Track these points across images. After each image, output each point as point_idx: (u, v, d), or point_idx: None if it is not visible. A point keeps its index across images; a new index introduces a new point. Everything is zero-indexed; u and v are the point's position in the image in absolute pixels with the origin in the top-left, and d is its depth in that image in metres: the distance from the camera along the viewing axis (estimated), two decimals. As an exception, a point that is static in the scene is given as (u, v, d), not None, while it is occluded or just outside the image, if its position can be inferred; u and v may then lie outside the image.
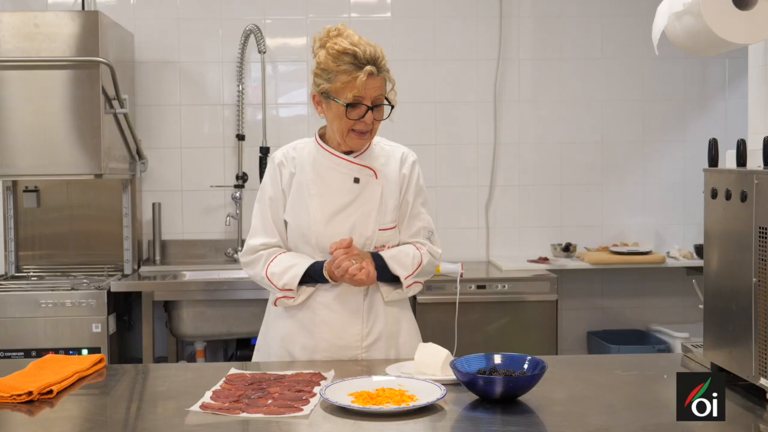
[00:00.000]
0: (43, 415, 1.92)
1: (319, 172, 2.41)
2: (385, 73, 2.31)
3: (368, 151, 2.44)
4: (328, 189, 2.39)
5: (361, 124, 2.32)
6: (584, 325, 4.81)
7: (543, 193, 4.79)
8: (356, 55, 2.25)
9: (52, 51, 3.87)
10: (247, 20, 4.53)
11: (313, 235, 2.37)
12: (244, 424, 1.82)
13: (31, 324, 3.83)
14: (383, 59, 2.30)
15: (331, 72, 2.29)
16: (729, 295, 2.03)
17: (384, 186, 2.42)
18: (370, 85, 2.27)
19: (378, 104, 2.31)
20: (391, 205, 2.42)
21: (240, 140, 4.60)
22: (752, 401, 1.93)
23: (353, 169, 2.40)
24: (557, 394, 2.03)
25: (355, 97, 2.27)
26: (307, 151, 2.45)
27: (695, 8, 2.09)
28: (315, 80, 2.37)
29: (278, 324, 2.46)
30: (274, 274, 2.38)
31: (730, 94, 4.80)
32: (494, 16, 4.70)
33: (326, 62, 2.29)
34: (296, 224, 2.41)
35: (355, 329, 2.39)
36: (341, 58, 2.27)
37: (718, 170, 2.10)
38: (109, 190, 4.48)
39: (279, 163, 2.45)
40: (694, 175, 4.72)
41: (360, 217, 2.38)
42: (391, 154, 2.48)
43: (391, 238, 2.44)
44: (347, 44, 2.27)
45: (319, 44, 2.35)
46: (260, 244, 2.43)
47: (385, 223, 2.41)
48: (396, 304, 2.47)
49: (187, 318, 4.06)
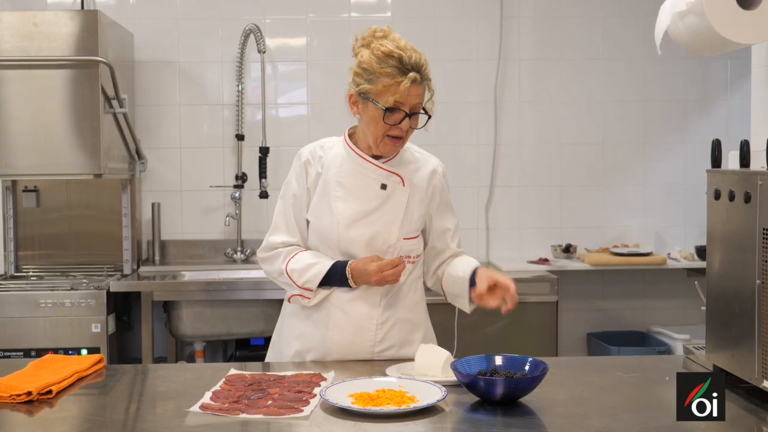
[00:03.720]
0: (43, 416, 1.91)
1: (346, 175, 2.37)
2: (428, 82, 2.27)
3: (398, 157, 2.40)
4: (354, 193, 2.35)
5: (396, 130, 2.28)
6: (584, 326, 4.80)
7: (543, 193, 4.78)
8: (402, 60, 2.21)
9: (52, 50, 3.86)
10: (246, 20, 4.52)
11: (335, 238, 2.34)
12: (244, 425, 1.81)
13: (30, 324, 3.82)
14: (427, 67, 2.26)
15: (374, 73, 2.24)
16: (732, 297, 2.02)
17: (411, 194, 2.38)
18: (412, 92, 2.23)
19: (415, 112, 2.28)
20: (417, 214, 2.39)
21: (239, 140, 4.59)
22: (754, 404, 1.93)
23: (381, 175, 2.36)
24: (558, 396, 2.02)
25: (395, 102, 2.23)
26: (335, 151, 2.41)
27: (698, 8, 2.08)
28: (354, 79, 2.30)
29: (292, 323, 2.44)
30: (294, 271, 2.35)
31: (732, 95, 4.80)
32: (495, 16, 4.70)
33: (370, 63, 2.24)
34: (318, 225, 2.38)
35: (368, 334, 2.37)
36: (386, 60, 2.22)
37: (721, 171, 2.09)
38: (108, 190, 4.47)
39: (306, 161, 2.40)
40: (695, 177, 4.71)
41: (384, 225, 2.35)
42: (422, 162, 2.45)
43: (415, 248, 2.41)
44: (393, 47, 2.23)
45: (361, 43, 2.30)
46: (280, 242, 2.40)
47: (409, 232, 2.38)
48: (415, 313, 2.44)
49: (187, 318, 4.05)
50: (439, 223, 2.46)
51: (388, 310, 2.38)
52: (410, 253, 2.39)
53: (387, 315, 2.38)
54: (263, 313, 3.97)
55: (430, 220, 2.45)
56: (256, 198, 4.52)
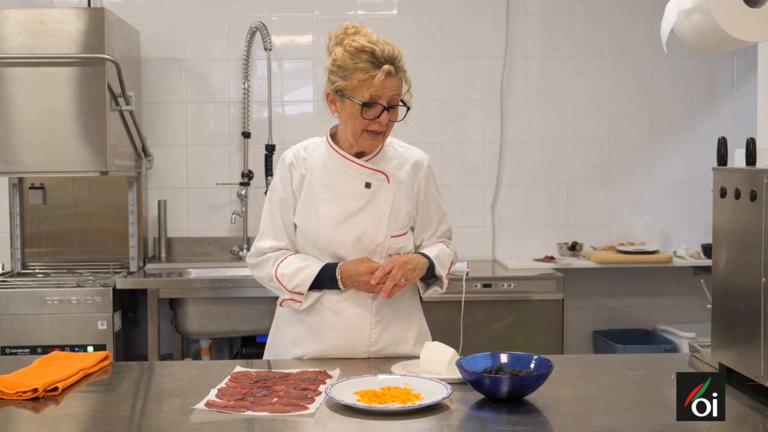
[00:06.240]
0: (48, 412, 1.92)
1: (329, 176, 2.36)
2: (403, 74, 2.27)
3: (381, 154, 2.40)
4: (339, 193, 2.35)
5: (376, 125, 2.27)
6: (590, 324, 4.80)
7: (549, 191, 4.78)
8: (374, 54, 2.21)
9: (58, 48, 3.87)
10: (252, 17, 4.53)
11: (322, 240, 2.34)
12: (250, 422, 1.81)
13: (36, 321, 3.83)
14: (401, 59, 2.26)
15: (348, 69, 2.24)
16: (737, 295, 2.01)
17: (396, 191, 2.37)
18: (388, 85, 2.23)
19: (393, 105, 2.28)
20: (404, 210, 2.38)
21: (245, 138, 4.59)
22: (760, 402, 1.92)
23: (365, 174, 2.36)
24: (563, 394, 2.02)
25: (371, 96, 2.22)
26: (318, 152, 2.40)
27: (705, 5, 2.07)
28: (330, 78, 2.30)
29: (287, 327, 2.44)
30: (284, 276, 2.35)
31: (739, 93, 4.78)
32: (501, 14, 4.69)
33: (343, 59, 2.24)
34: (305, 228, 2.37)
35: (363, 334, 2.37)
36: (359, 55, 2.22)
37: (727, 169, 2.09)
38: (114, 187, 4.48)
39: (290, 164, 2.40)
40: (701, 174, 4.70)
41: (371, 224, 2.34)
42: (405, 157, 2.43)
43: (404, 245, 2.40)
44: (366, 42, 2.23)
45: (335, 41, 2.30)
46: (268, 247, 2.40)
47: (396, 229, 2.37)
48: (408, 310, 2.44)
49: (193, 315, 4.06)
50: (424, 215, 2.46)
51: (381, 309, 2.37)
52: (399, 250, 2.38)
53: (380, 314, 2.37)
54: (269, 310, 3.96)
55: (417, 213, 2.45)
56: (262, 195, 4.52)
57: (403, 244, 2.39)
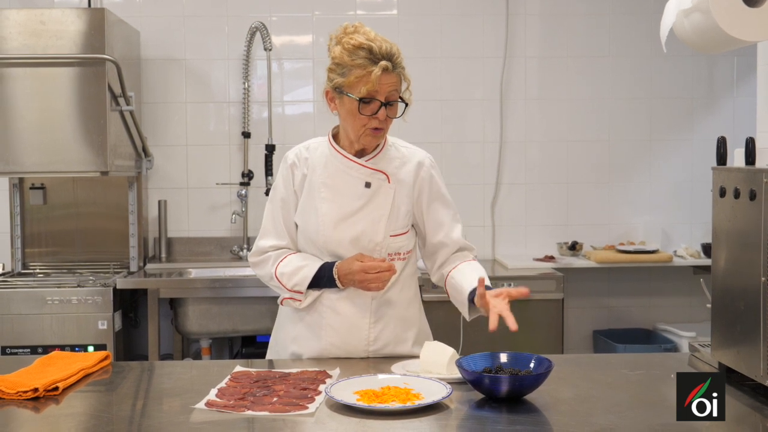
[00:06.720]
0: (49, 412, 1.92)
1: (330, 175, 2.37)
2: (401, 70, 2.28)
3: (382, 153, 2.39)
4: (338, 193, 2.36)
5: (374, 121, 2.27)
6: (590, 323, 4.80)
7: (549, 191, 4.78)
8: (372, 50, 2.22)
9: (59, 48, 3.87)
10: (252, 17, 4.53)
11: (321, 239, 2.35)
12: (250, 421, 1.82)
13: (37, 321, 3.84)
14: (399, 56, 2.27)
15: (346, 66, 2.25)
16: (737, 295, 2.02)
17: (396, 191, 2.37)
18: (385, 81, 2.24)
19: (392, 101, 2.28)
20: (404, 210, 2.38)
21: (246, 138, 4.59)
22: (760, 401, 1.93)
23: (365, 173, 2.36)
24: (563, 394, 2.02)
25: (368, 91, 2.23)
26: (320, 151, 2.41)
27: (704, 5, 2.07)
28: (329, 75, 2.31)
29: (287, 325, 2.45)
30: (283, 275, 2.36)
31: (738, 92, 4.78)
32: (501, 13, 4.69)
33: (341, 57, 2.25)
34: (305, 227, 2.38)
35: (362, 333, 2.37)
36: (356, 52, 2.23)
37: (726, 168, 2.09)
38: (115, 187, 4.48)
39: (291, 163, 2.42)
40: (701, 174, 4.70)
41: (369, 223, 2.34)
42: (407, 157, 2.42)
43: (404, 244, 2.40)
44: (363, 39, 2.24)
45: (335, 41, 2.31)
46: (270, 246, 2.41)
47: (396, 229, 2.37)
48: (408, 310, 2.44)
49: (193, 315, 4.06)
50: (432, 216, 2.43)
51: (381, 308, 2.38)
52: (399, 250, 2.38)
53: (380, 313, 2.38)
54: (269, 310, 3.97)
55: (422, 214, 2.43)
56: (263, 195, 4.53)
57: (403, 243, 2.39)
